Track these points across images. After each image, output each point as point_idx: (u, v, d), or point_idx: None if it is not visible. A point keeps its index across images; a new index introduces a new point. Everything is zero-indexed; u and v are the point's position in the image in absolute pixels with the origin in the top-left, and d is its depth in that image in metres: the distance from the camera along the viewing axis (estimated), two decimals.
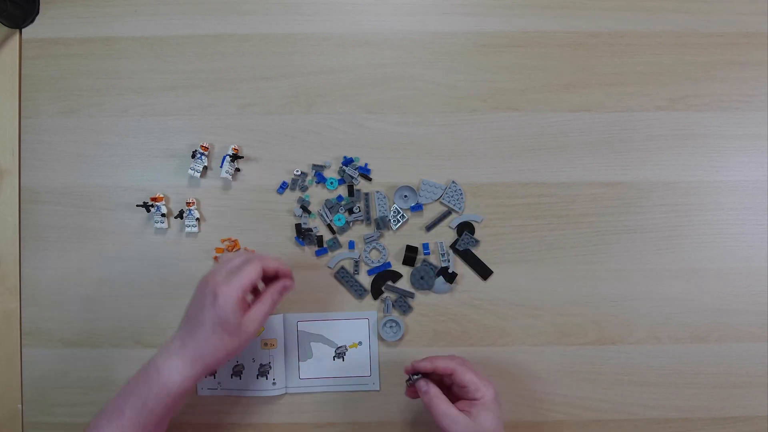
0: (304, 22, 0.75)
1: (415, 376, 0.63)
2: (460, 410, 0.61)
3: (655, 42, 0.75)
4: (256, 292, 0.64)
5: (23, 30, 0.75)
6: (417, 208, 0.73)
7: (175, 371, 0.58)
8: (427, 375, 0.64)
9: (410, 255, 0.73)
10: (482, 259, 0.73)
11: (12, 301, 0.73)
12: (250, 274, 0.59)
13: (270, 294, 0.62)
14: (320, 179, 0.74)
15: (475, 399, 0.61)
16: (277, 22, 0.75)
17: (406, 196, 0.73)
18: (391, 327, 0.73)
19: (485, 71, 0.75)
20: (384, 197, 0.73)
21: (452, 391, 0.64)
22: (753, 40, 0.75)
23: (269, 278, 0.64)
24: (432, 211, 0.74)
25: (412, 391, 0.65)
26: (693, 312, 0.73)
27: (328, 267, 0.73)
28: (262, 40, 0.75)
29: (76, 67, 0.75)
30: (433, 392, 0.62)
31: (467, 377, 0.62)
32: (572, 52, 0.75)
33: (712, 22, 0.75)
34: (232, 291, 0.58)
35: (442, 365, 0.63)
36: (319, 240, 0.73)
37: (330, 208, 0.73)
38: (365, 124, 0.74)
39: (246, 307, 0.60)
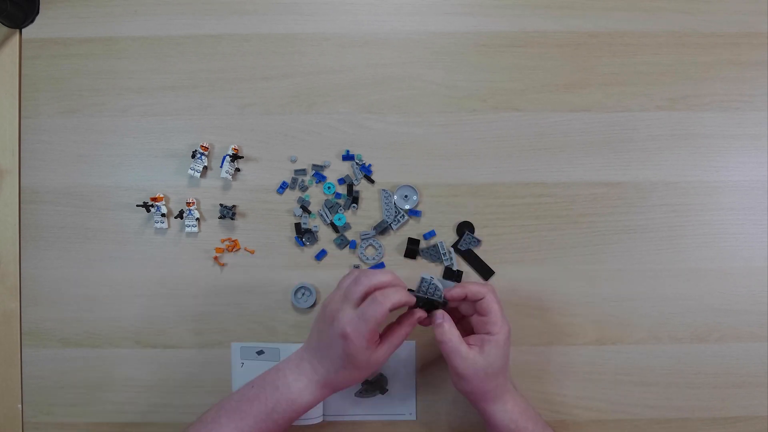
0: (304, 22, 0.75)
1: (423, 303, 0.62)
2: (470, 345, 0.61)
3: (655, 42, 0.75)
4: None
5: (23, 30, 0.75)
6: (416, 213, 0.73)
7: (307, 392, 0.60)
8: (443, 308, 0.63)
9: (412, 248, 0.73)
10: (482, 259, 0.73)
11: (12, 301, 0.73)
12: (379, 320, 0.57)
13: (403, 329, 0.61)
14: (320, 179, 0.74)
15: (489, 333, 0.61)
16: (277, 22, 0.75)
17: (406, 196, 0.73)
18: (303, 294, 0.72)
19: (485, 71, 0.75)
20: (390, 195, 0.73)
21: (465, 323, 0.65)
22: (753, 40, 0.75)
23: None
24: (430, 218, 0.74)
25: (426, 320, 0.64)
26: (693, 312, 0.73)
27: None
28: (262, 40, 0.75)
29: (76, 67, 0.75)
30: (447, 327, 0.61)
31: (494, 307, 0.62)
32: (572, 52, 0.75)
33: (712, 22, 0.75)
34: (361, 337, 0.57)
35: (475, 289, 0.62)
36: (307, 232, 0.73)
37: (330, 208, 0.73)
38: (365, 124, 0.74)
39: (374, 342, 0.59)
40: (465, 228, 0.73)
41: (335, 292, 0.62)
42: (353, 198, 0.73)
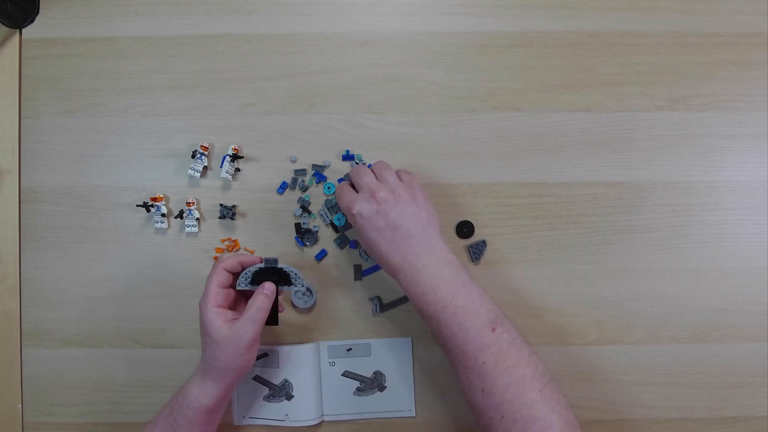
0: (304, 22, 0.75)
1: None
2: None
3: (655, 42, 0.75)
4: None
5: (23, 30, 0.75)
6: None
7: (194, 385, 0.62)
8: None
9: None
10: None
11: (12, 301, 0.73)
12: (212, 280, 0.62)
13: (255, 299, 0.62)
14: (320, 179, 0.74)
15: None
16: (277, 22, 0.75)
17: None
18: (304, 294, 0.73)
19: (485, 71, 0.75)
20: None
21: None
22: (753, 40, 0.75)
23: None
24: None
25: None
26: (693, 312, 0.73)
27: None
28: (262, 40, 0.75)
29: (76, 67, 0.75)
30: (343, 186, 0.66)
31: (336, 198, 0.66)
32: (572, 52, 0.75)
33: (712, 22, 0.75)
34: (203, 303, 0.61)
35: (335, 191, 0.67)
36: (307, 232, 0.73)
37: (330, 208, 0.73)
38: (365, 124, 0.74)
39: (227, 316, 0.61)
40: (465, 227, 0.73)
41: None
42: None
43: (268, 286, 0.63)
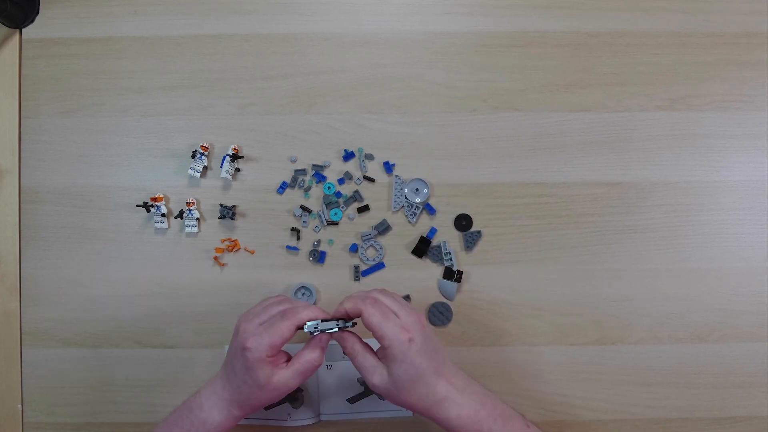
0: (304, 22, 0.75)
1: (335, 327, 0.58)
2: (381, 358, 0.57)
3: (655, 42, 0.75)
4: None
5: (23, 30, 0.75)
6: (431, 211, 0.73)
7: (216, 410, 0.59)
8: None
9: (422, 247, 0.72)
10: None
11: (12, 301, 0.73)
12: (283, 333, 0.56)
13: (308, 353, 0.58)
14: (320, 179, 0.74)
15: (382, 347, 0.56)
16: (277, 22, 0.75)
17: (417, 190, 0.73)
18: (303, 294, 0.73)
19: (485, 71, 0.75)
20: (402, 182, 0.73)
21: None
22: (753, 40, 0.75)
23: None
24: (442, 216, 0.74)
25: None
26: (693, 312, 0.73)
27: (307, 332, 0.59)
28: (262, 40, 0.75)
29: (76, 67, 0.75)
30: (350, 342, 0.58)
31: (372, 321, 0.55)
32: (572, 52, 0.75)
33: (712, 22, 0.75)
34: (260, 348, 0.55)
35: (350, 306, 0.57)
36: (298, 233, 0.73)
37: (327, 204, 0.73)
38: (365, 124, 0.74)
39: (278, 362, 0.58)
40: (463, 220, 0.73)
41: (255, 307, 0.61)
42: (360, 207, 0.73)
43: (326, 339, 0.59)
